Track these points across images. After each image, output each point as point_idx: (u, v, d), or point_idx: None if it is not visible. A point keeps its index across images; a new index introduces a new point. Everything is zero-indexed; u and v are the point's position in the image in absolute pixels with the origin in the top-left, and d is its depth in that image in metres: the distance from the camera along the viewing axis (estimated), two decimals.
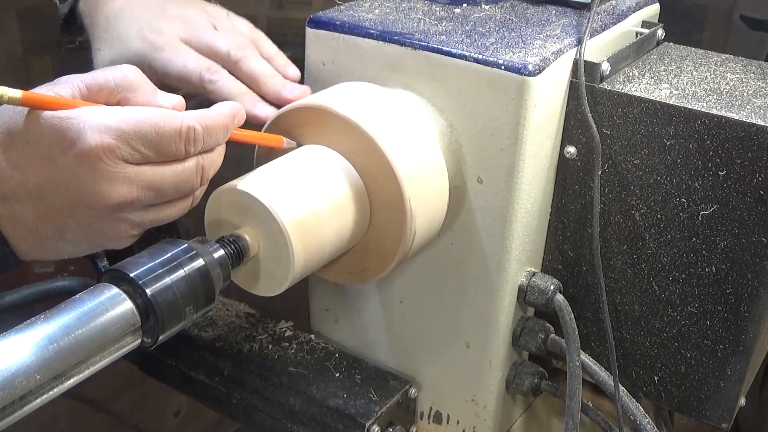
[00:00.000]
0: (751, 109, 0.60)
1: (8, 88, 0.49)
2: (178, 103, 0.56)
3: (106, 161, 0.50)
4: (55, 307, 0.46)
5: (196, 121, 0.53)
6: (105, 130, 0.50)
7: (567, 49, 0.63)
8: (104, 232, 0.54)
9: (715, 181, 0.61)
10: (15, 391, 0.42)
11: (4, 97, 0.48)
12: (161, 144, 0.52)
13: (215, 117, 0.55)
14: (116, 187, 0.51)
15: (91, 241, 0.55)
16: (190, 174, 0.54)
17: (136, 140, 0.51)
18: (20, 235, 0.53)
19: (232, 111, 0.56)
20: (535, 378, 0.71)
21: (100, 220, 0.52)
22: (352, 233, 0.60)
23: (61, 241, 0.54)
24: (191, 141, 0.53)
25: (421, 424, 0.77)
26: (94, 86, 0.53)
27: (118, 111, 0.52)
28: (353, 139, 0.59)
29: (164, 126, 0.51)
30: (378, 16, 0.68)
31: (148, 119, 0.51)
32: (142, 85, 0.55)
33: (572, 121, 0.65)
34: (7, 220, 0.52)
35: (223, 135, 0.55)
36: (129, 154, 0.51)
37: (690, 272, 0.64)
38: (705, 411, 0.68)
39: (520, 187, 0.62)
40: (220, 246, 0.54)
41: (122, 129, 0.50)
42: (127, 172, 0.51)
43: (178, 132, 0.52)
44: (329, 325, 0.79)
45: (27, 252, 0.54)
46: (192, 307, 0.51)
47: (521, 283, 0.68)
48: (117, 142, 0.50)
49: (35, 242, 0.54)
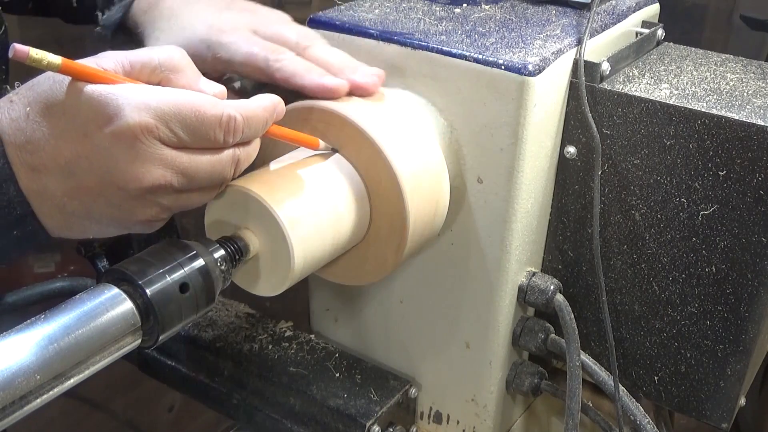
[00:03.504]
0: (751, 109, 0.60)
1: (48, 53, 0.47)
2: (219, 92, 0.55)
3: (143, 141, 0.49)
4: (55, 307, 0.46)
5: (237, 111, 0.52)
6: (145, 109, 0.49)
7: (567, 49, 0.63)
8: (133, 214, 0.52)
9: (715, 181, 0.61)
10: (15, 391, 0.42)
11: (43, 62, 0.47)
12: (200, 130, 0.51)
13: (256, 109, 0.54)
14: (150, 168, 0.50)
15: (119, 222, 0.53)
16: (226, 164, 0.53)
17: (175, 123, 0.50)
18: (47, 210, 0.52)
19: (272, 104, 0.55)
20: (535, 378, 0.71)
21: (130, 202, 0.51)
22: (352, 233, 0.60)
23: (88, 219, 0.53)
24: (230, 131, 0.52)
25: (421, 424, 0.77)
26: (137, 63, 0.52)
27: (159, 91, 0.50)
28: (353, 139, 0.59)
29: (205, 112, 0.50)
30: (378, 16, 0.68)
31: (189, 103, 0.50)
32: (186, 68, 0.54)
33: (572, 121, 0.65)
34: (35, 194, 0.51)
35: (262, 128, 0.55)
36: (167, 136, 0.50)
37: (690, 272, 0.64)
38: (705, 411, 0.68)
39: (520, 187, 0.62)
40: (220, 246, 0.54)
41: (162, 110, 0.49)
42: (163, 154, 0.50)
43: (219, 120, 0.51)
44: (329, 325, 0.79)
45: (53, 228, 0.53)
46: (192, 308, 0.51)
47: (521, 283, 0.68)
48: (156, 122, 0.49)
49: (62, 219, 0.52)
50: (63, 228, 0.53)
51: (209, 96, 0.52)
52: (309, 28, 0.67)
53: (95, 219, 0.53)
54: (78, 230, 0.54)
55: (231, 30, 0.64)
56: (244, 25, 0.65)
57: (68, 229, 0.53)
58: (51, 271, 1.41)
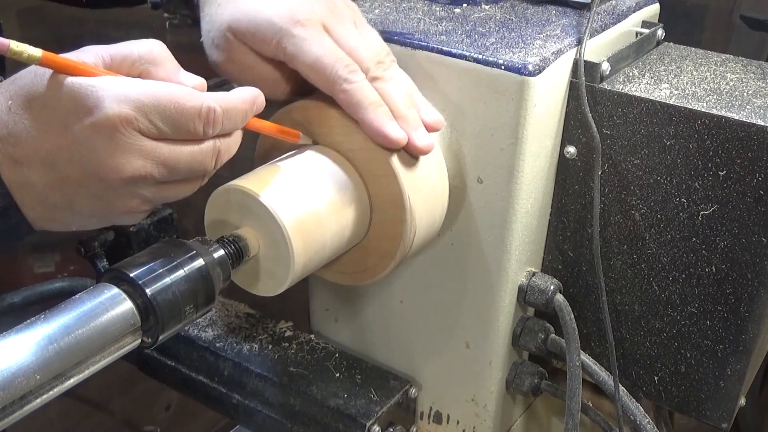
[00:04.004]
0: (751, 109, 0.60)
1: (29, 46, 0.47)
2: (199, 84, 0.55)
3: (123, 132, 0.49)
4: (55, 307, 0.46)
5: (217, 102, 0.52)
6: (124, 101, 0.49)
7: (567, 49, 0.63)
8: (114, 206, 0.53)
9: (715, 181, 0.61)
10: (15, 391, 0.42)
11: (23, 54, 0.47)
12: (179, 121, 0.51)
13: (235, 101, 0.54)
14: (130, 159, 0.50)
15: (101, 214, 0.54)
16: (206, 156, 0.53)
17: (155, 114, 0.50)
18: (29, 202, 0.52)
19: (252, 97, 0.55)
20: (535, 378, 0.71)
21: (112, 193, 0.52)
22: (352, 233, 0.60)
23: (70, 211, 0.53)
24: (210, 122, 0.52)
25: (421, 424, 0.77)
26: (118, 56, 0.52)
27: (139, 83, 0.51)
28: (353, 139, 0.59)
29: (184, 103, 0.51)
30: (378, 16, 0.68)
31: (168, 94, 0.50)
32: (165, 60, 0.54)
33: (572, 121, 0.65)
34: (17, 186, 0.51)
35: (241, 120, 0.55)
36: (146, 127, 0.50)
37: (690, 272, 0.64)
38: (705, 411, 0.68)
39: (520, 187, 0.62)
40: (220, 246, 0.54)
41: (142, 101, 0.50)
42: (143, 145, 0.50)
43: (198, 111, 0.51)
44: (329, 325, 0.79)
45: (36, 221, 0.53)
46: (192, 307, 0.51)
47: (521, 283, 0.68)
48: (135, 113, 0.49)
49: (44, 211, 0.53)
50: (46, 220, 0.54)
51: (188, 88, 0.53)
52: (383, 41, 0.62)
53: (77, 211, 0.53)
54: (61, 222, 0.54)
55: (305, 21, 0.58)
56: (318, 17, 0.59)
57: (51, 221, 0.54)
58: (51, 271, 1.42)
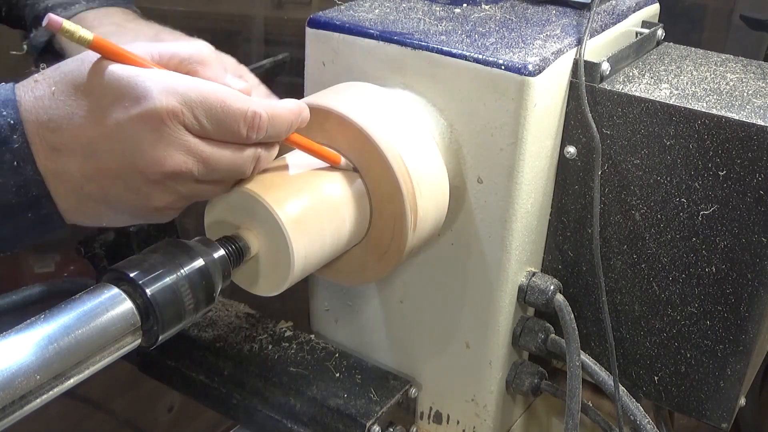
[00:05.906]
0: (751, 109, 0.60)
1: (81, 28, 0.47)
2: (244, 87, 0.55)
3: (168, 125, 0.49)
4: (55, 307, 0.46)
5: (264, 109, 0.52)
6: (173, 93, 0.49)
7: (567, 49, 0.63)
8: (150, 200, 0.52)
9: (715, 181, 0.61)
10: (15, 391, 0.42)
11: (75, 35, 0.47)
12: (225, 121, 0.51)
13: (282, 110, 0.54)
14: (173, 153, 0.50)
15: (134, 208, 0.53)
16: (246, 161, 0.53)
17: (201, 111, 0.50)
18: (63, 192, 0.51)
19: (299, 108, 0.55)
20: (535, 378, 0.71)
21: (149, 186, 0.51)
22: (352, 233, 0.60)
23: (104, 204, 0.52)
24: (255, 127, 0.52)
25: (421, 424, 0.77)
26: (166, 53, 0.52)
27: (187, 79, 0.51)
28: (353, 139, 0.59)
29: (231, 104, 0.50)
30: (378, 16, 0.68)
31: (216, 93, 0.50)
32: (213, 62, 0.54)
33: (572, 121, 0.65)
34: (52, 174, 0.50)
35: (286, 130, 0.54)
36: (191, 123, 0.50)
37: (690, 272, 0.64)
38: (705, 411, 0.68)
39: (520, 187, 0.62)
40: (220, 246, 0.54)
41: (189, 96, 0.49)
42: (186, 140, 0.50)
43: (244, 114, 0.51)
44: (329, 325, 0.79)
45: (67, 212, 0.52)
46: (192, 307, 0.51)
47: (521, 283, 0.68)
48: (182, 107, 0.49)
49: (77, 202, 0.52)
50: (77, 212, 0.53)
51: (236, 91, 0.52)
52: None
53: (111, 204, 0.52)
54: (92, 215, 0.53)
55: None
56: None
57: (83, 213, 0.53)
58: (51, 271, 1.41)
